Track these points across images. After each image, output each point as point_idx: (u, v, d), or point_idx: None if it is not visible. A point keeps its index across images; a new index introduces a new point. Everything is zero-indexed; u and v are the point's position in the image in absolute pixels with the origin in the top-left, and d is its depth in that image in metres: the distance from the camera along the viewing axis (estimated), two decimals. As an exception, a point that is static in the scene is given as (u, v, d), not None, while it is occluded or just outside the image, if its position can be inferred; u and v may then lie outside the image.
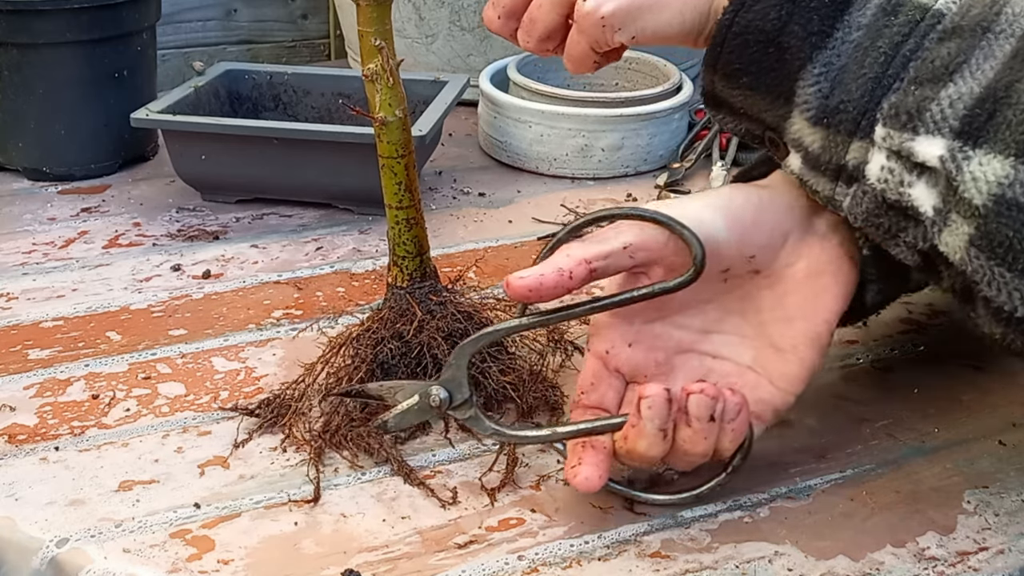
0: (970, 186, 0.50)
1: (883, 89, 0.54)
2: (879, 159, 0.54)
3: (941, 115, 0.52)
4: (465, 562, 0.59)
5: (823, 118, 0.55)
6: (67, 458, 0.67)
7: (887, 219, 0.56)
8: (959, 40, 0.53)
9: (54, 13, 1.01)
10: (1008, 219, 0.50)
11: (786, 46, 0.56)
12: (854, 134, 0.55)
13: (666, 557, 0.59)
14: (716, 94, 0.60)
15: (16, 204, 1.03)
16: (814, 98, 0.56)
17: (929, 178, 0.53)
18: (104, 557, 0.59)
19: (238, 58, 1.52)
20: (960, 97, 0.51)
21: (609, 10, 0.59)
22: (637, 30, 0.60)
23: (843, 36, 0.55)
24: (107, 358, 0.77)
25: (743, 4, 0.56)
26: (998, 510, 0.63)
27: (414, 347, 0.69)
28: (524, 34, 0.64)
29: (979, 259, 0.52)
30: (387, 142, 0.68)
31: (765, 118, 0.59)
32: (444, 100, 1.03)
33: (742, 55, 0.57)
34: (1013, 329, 0.53)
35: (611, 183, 1.09)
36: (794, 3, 0.55)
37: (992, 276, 0.51)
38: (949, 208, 0.52)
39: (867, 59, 0.54)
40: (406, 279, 0.70)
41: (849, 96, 0.54)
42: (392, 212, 0.70)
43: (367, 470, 0.66)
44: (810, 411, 0.72)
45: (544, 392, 0.71)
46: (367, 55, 0.66)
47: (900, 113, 0.53)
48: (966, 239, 0.52)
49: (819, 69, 0.55)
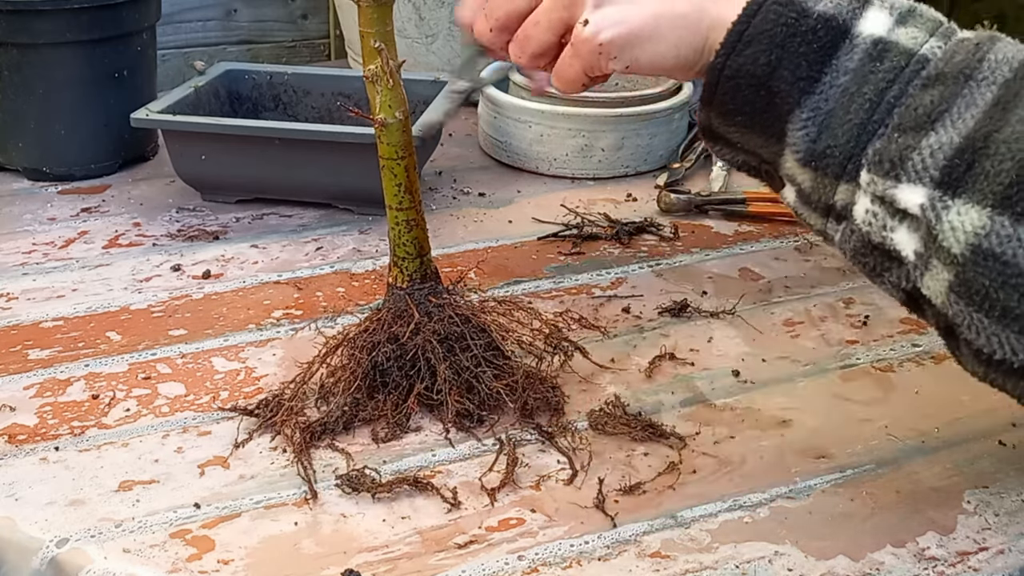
0: (949, 235, 0.52)
1: (868, 135, 0.55)
2: (864, 202, 0.55)
3: (922, 164, 0.53)
4: (465, 562, 0.59)
5: (811, 161, 0.57)
6: (67, 458, 0.67)
7: (872, 258, 0.57)
8: (942, 87, 0.54)
9: (54, 13, 1.01)
10: (985, 268, 0.51)
11: (776, 90, 0.57)
12: (840, 177, 0.56)
13: (666, 557, 0.59)
14: (712, 129, 0.61)
15: (16, 204, 1.03)
16: (802, 141, 0.57)
17: (911, 224, 0.54)
18: (104, 557, 0.59)
19: (238, 58, 1.52)
20: (941, 147, 0.53)
21: (608, 37, 0.60)
22: (632, 59, 0.61)
23: (831, 80, 0.56)
24: (107, 358, 0.77)
25: (734, 48, 0.57)
26: (998, 510, 0.63)
27: (409, 349, 0.69)
28: (516, 48, 0.65)
29: (959, 304, 0.53)
30: (387, 144, 0.68)
31: (761, 153, 0.60)
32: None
33: (735, 97, 0.58)
34: (994, 370, 0.54)
35: (611, 183, 1.09)
36: (783, 48, 0.56)
37: (971, 321, 0.53)
38: (930, 254, 0.54)
39: (853, 104, 0.55)
40: (406, 280, 0.70)
41: (836, 141, 0.56)
42: (392, 213, 0.70)
43: (367, 470, 0.66)
44: (810, 411, 0.72)
45: (544, 393, 0.71)
46: (368, 56, 0.66)
47: (883, 160, 0.54)
48: (946, 285, 0.53)
49: (807, 113, 0.56)
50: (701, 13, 0.59)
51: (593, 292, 0.88)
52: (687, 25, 0.59)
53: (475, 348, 0.70)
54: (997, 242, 0.51)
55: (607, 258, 0.94)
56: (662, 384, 0.75)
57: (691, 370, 0.77)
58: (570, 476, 0.66)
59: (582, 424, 0.70)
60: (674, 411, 0.72)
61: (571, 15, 0.61)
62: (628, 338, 0.81)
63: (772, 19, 0.56)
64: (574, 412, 0.72)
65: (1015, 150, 0.51)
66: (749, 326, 0.83)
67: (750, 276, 0.91)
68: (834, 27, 0.56)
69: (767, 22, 0.56)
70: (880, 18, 0.56)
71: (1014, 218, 0.51)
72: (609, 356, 0.78)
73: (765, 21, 0.56)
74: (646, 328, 0.82)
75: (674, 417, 0.71)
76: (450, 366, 0.69)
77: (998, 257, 0.51)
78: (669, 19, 0.59)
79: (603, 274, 0.91)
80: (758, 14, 0.56)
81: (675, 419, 0.71)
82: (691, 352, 0.79)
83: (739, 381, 0.76)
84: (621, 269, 0.92)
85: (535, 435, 0.69)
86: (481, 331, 0.70)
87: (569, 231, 0.97)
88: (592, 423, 0.70)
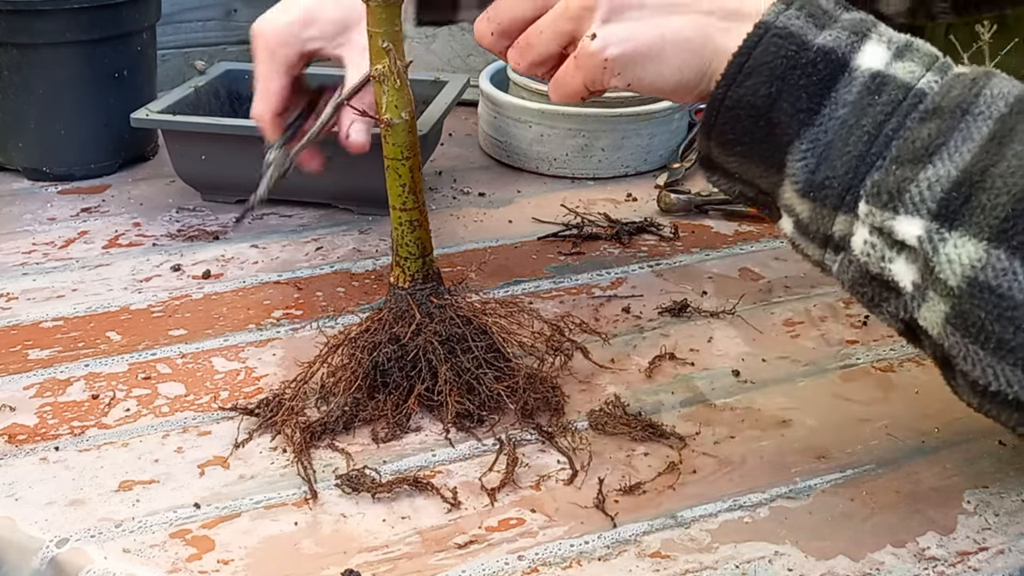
0: (945, 267, 0.53)
1: (867, 167, 0.56)
2: (862, 233, 0.56)
3: (920, 197, 0.54)
4: (465, 562, 0.59)
5: (810, 192, 0.57)
6: (67, 458, 0.67)
7: (871, 289, 0.58)
8: (939, 121, 0.55)
9: (54, 13, 1.01)
10: (981, 301, 0.52)
11: (776, 121, 0.58)
12: (839, 208, 0.57)
13: (666, 557, 0.59)
14: (712, 159, 0.62)
15: (16, 204, 1.03)
16: (801, 172, 0.57)
17: (909, 255, 0.55)
18: (104, 557, 0.59)
19: (238, 58, 1.51)
20: (938, 180, 0.54)
21: (614, 54, 0.60)
22: (635, 78, 0.61)
23: (830, 112, 0.57)
24: (107, 358, 0.77)
25: (735, 79, 0.58)
26: (998, 510, 0.63)
27: (411, 350, 0.69)
28: (517, 54, 0.65)
29: (955, 336, 0.54)
30: (393, 144, 0.68)
31: (760, 184, 0.61)
32: (444, 100, 1.03)
33: (735, 127, 0.59)
34: (989, 401, 0.55)
35: (611, 183, 1.09)
36: (783, 80, 0.57)
37: (967, 352, 0.54)
38: (927, 286, 0.54)
39: (852, 137, 0.56)
40: (408, 280, 0.70)
41: (834, 172, 0.56)
42: (396, 214, 0.70)
43: (367, 470, 0.66)
44: (810, 411, 0.72)
45: (544, 393, 0.71)
46: (376, 56, 0.66)
47: (882, 192, 0.55)
48: (942, 316, 0.54)
49: (806, 145, 0.57)
50: (706, 39, 0.60)
51: (593, 292, 0.88)
52: (692, 49, 0.60)
53: (476, 350, 0.70)
54: (993, 275, 0.52)
55: (607, 258, 0.94)
56: (662, 384, 0.75)
57: (691, 370, 0.77)
58: (570, 476, 0.66)
59: (582, 424, 0.70)
60: (674, 411, 0.72)
61: (578, 27, 0.62)
62: (628, 338, 0.81)
63: (773, 51, 0.57)
64: (574, 412, 0.72)
65: (1011, 184, 0.52)
66: (749, 326, 0.83)
67: (750, 276, 0.91)
68: (833, 60, 0.57)
69: (767, 54, 0.57)
70: (878, 52, 0.57)
71: (1010, 251, 0.52)
72: (609, 356, 0.78)
73: (766, 53, 0.57)
74: (646, 328, 0.82)
75: (674, 417, 0.71)
76: (451, 367, 0.69)
77: (994, 290, 0.52)
78: (674, 42, 0.60)
79: (603, 274, 0.91)
80: (759, 46, 0.57)
81: (675, 419, 0.71)
82: (691, 352, 0.79)
83: (739, 381, 0.76)
84: (621, 269, 0.92)
85: (535, 435, 0.69)
86: (482, 332, 0.70)
87: (569, 231, 0.97)
88: (592, 423, 0.70)
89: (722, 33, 0.60)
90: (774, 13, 0.58)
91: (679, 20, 0.60)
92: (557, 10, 0.62)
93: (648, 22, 0.60)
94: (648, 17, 0.60)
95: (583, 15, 0.61)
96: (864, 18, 0.59)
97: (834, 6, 0.59)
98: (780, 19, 0.57)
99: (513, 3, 0.65)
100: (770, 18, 0.58)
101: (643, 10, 0.60)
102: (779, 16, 0.57)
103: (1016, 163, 0.52)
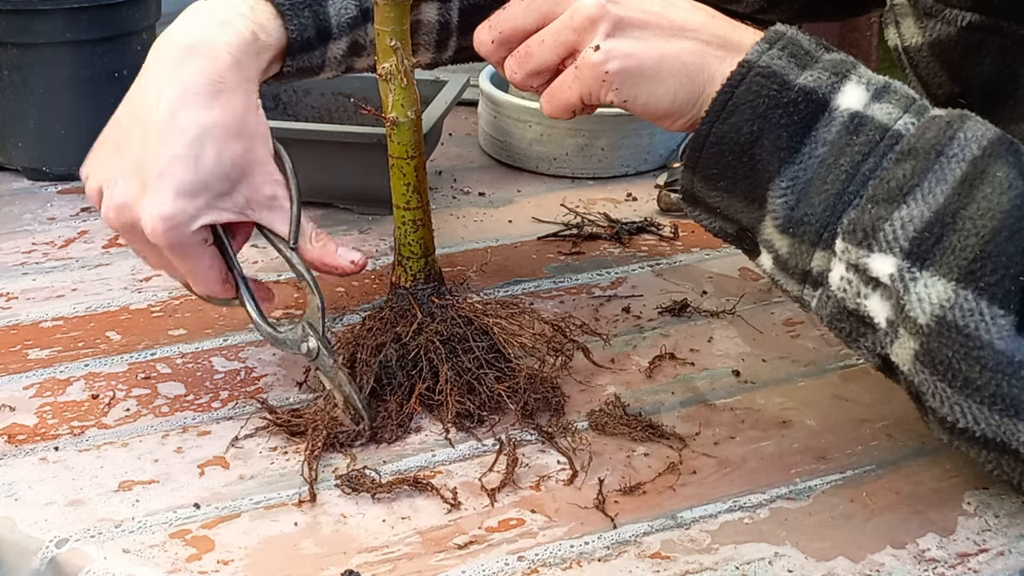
0: (915, 306, 0.54)
1: (844, 204, 0.57)
2: (839, 269, 0.58)
3: (893, 235, 0.55)
4: (465, 562, 0.59)
5: (789, 228, 0.59)
6: (67, 458, 0.67)
7: (848, 324, 0.59)
8: (914, 162, 0.56)
9: (54, 13, 1.00)
10: (948, 340, 0.54)
11: (758, 158, 0.59)
12: (817, 244, 0.58)
13: (666, 558, 0.59)
14: (694, 193, 0.63)
15: (16, 204, 1.03)
16: (781, 209, 0.59)
17: (883, 292, 0.56)
18: (104, 557, 0.59)
19: (238, 57, 1.51)
20: (911, 219, 0.55)
21: (615, 68, 0.61)
22: (631, 95, 0.62)
23: (810, 151, 0.58)
24: (107, 358, 0.77)
25: (719, 116, 0.59)
26: (998, 511, 0.63)
27: (412, 349, 0.69)
28: (515, 63, 0.65)
29: (924, 373, 0.55)
30: (398, 143, 0.68)
31: (741, 219, 0.62)
32: (444, 100, 1.03)
33: (719, 162, 0.60)
34: (957, 437, 0.57)
35: (611, 183, 1.09)
36: (765, 119, 0.58)
37: (936, 390, 0.55)
38: (899, 323, 0.56)
39: (830, 175, 0.57)
40: (410, 280, 0.70)
41: (813, 210, 0.58)
42: (399, 213, 0.70)
43: (367, 470, 0.66)
44: (810, 411, 0.72)
45: (544, 393, 0.71)
46: (383, 54, 0.66)
47: (857, 230, 0.56)
48: (912, 353, 0.56)
49: (786, 183, 0.58)
50: (702, 67, 0.61)
51: (593, 292, 0.88)
52: (688, 74, 0.61)
53: (477, 350, 0.70)
54: (960, 315, 0.53)
55: (607, 258, 0.94)
56: (662, 384, 0.75)
57: (691, 370, 0.77)
58: (570, 476, 0.66)
59: (582, 424, 0.70)
60: (674, 411, 0.72)
61: (580, 39, 0.62)
62: (628, 338, 0.81)
63: (755, 90, 0.58)
64: (574, 412, 0.72)
65: (979, 227, 0.54)
66: (749, 326, 0.83)
67: (750, 276, 0.91)
68: (814, 100, 0.58)
69: (750, 93, 0.58)
70: (857, 93, 0.58)
71: (977, 292, 0.53)
72: (609, 356, 0.78)
73: (748, 92, 0.59)
74: (646, 328, 0.82)
75: (674, 417, 0.71)
76: (452, 367, 0.69)
77: (961, 330, 0.53)
78: (673, 65, 0.61)
79: (603, 274, 0.91)
80: (742, 84, 0.59)
81: (675, 419, 0.71)
82: (691, 352, 0.79)
83: (739, 381, 0.76)
84: (621, 269, 0.92)
85: (535, 435, 0.69)
86: (483, 333, 0.70)
87: (569, 231, 0.97)
88: (592, 423, 0.70)
89: (717, 61, 0.61)
90: (757, 52, 0.59)
91: (680, 44, 0.61)
92: (561, 21, 0.63)
93: (651, 42, 0.61)
94: (651, 38, 0.61)
95: (587, 27, 0.61)
96: (844, 59, 0.60)
97: (815, 47, 0.60)
98: (763, 58, 0.59)
99: (516, 13, 0.65)
100: (753, 57, 0.59)
101: (646, 30, 0.61)
102: (762, 55, 0.59)
103: (986, 205, 0.54)
